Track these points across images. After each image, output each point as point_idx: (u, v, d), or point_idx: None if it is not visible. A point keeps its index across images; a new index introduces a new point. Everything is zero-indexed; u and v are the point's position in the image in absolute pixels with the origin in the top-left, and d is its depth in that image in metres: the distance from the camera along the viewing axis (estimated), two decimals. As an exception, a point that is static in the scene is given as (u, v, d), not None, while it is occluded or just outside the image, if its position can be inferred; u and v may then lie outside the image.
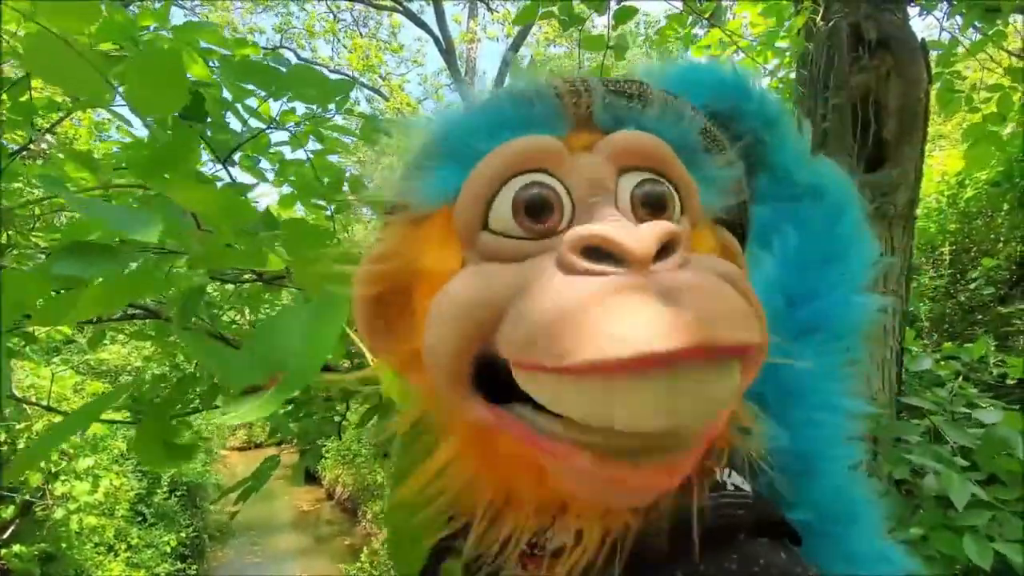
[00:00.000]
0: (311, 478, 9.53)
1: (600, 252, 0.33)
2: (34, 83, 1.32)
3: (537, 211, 0.37)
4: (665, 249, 0.33)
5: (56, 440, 0.63)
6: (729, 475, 0.42)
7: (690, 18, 2.84)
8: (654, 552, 0.37)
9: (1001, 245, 3.61)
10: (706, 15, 2.85)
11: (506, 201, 0.37)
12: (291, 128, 1.48)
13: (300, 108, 1.46)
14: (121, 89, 0.60)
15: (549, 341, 0.30)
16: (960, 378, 1.67)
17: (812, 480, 0.48)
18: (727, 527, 0.38)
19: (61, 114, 1.68)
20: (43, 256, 1.23)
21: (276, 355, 0.40)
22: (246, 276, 1.51)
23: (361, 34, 11.69)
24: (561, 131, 0.40)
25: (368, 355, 0.51)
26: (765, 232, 0.56)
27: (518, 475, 0.38)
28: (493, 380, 0.35)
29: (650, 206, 0.39)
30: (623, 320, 0.29)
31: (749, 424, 0.41)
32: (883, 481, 1.50)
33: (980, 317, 3.39)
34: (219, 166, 1.39)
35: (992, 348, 2.03)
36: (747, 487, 0.42)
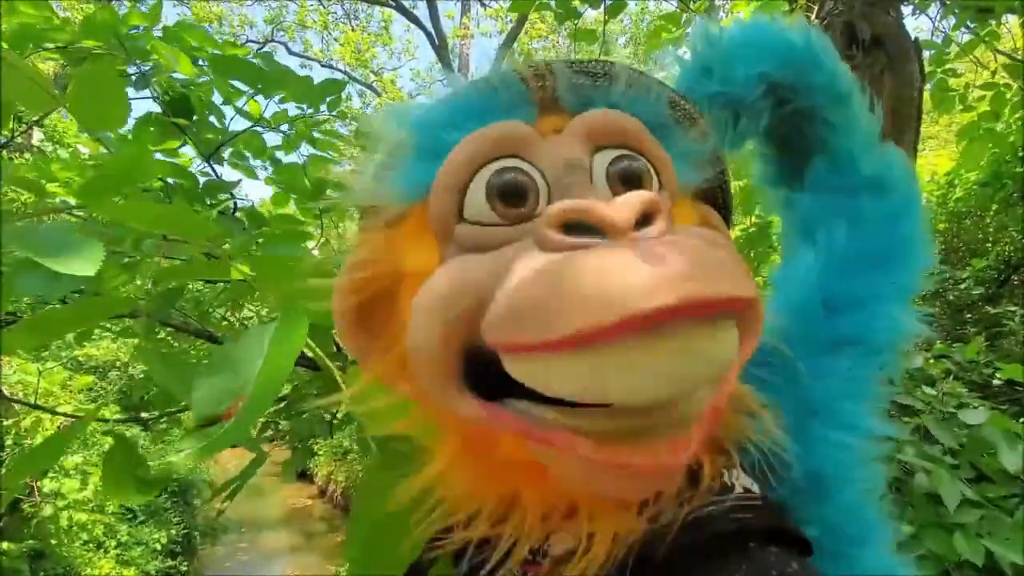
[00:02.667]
0: (304, 475, 9.49)
1: (580, 226, 0.32)
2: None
3: (512, 196, 0.36)
4: (646, 219, 0.32)
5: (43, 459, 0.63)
6: (737, 477, 0.40)
7: (684, 17, 2.83)
8: (659, 558, 0.35)
9: (990, 245, 3.64)
10: (700, 13, 2.84)
11: (480, 188, 0.37)
12: (284, 130, 1.46)
13: (292, 109, 1.44)
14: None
15: (534, 316, 0.29)
16: (951, 377, 1.68)
17: (825, 501, 0.45)
18: (737, 532, 0.36)
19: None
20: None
21: (236, 381, 0.39)
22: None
23: (352, 27, 11.61)
24: (529, 116, 0.40)
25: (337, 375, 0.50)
26: (811, 223, 0.51)
27: (519, 478, 0.37)
28: (483, 378, 0.34)
29: (627, 182, 0.38)
30: (608, 285, 0.27)
31: (755, 410, 0.39)
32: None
33: (969, 316, 3.42)
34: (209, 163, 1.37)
35: (984, 348, 2.04)
36: (756, 489, 0.40)
